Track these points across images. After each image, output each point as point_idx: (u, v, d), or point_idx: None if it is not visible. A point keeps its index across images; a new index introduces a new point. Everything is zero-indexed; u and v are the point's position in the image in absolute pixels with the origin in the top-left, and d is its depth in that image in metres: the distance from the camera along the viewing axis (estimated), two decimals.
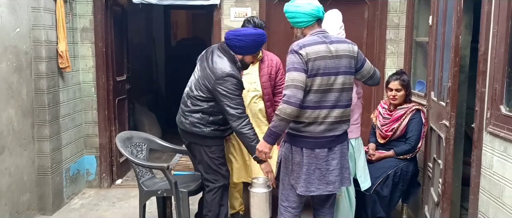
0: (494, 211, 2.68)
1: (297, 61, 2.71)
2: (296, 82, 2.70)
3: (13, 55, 3.68)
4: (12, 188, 3.70)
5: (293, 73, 2.71)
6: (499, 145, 2.63)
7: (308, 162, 2.83)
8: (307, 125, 2.79)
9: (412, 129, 3.66)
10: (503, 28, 2.58)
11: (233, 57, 3.23)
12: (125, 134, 3.74)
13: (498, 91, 2.62)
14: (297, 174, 2.87)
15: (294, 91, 2.68)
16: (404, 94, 3.73)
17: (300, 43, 2.76)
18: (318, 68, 2.72)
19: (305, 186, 2.85)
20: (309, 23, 2.85)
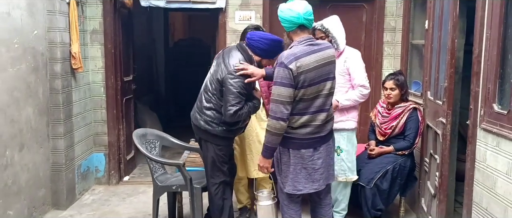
0: (487, 201, 2.91)
1: (285, 76, 2.76)
2: (282, 98, 2.77)
3: (31, 57, 3.85)
4: (30, 183, 3.87)
5: (280, 88, 2.77)
6: (492, 140, 2.85)
7: (294, 162, 2.94)
8: (295, 128, 2.89)
9: (410, 127, 3.87)
10: (496, 32, 2.81)
11: (251, 57, 3.33)
12: (140, 131, 3.92)
13: (491, 91, 2.85)
14: (285, 174, 3.00)
15: (280, 108, 2.78)
16: (398, 93, 3.92)
17: (290, 56, 2.78)
18: (310, 79, 2.80)
19: (292, 185, 2.97)
20: (291, 28, 2.88)
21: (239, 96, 3.22)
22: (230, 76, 3.22)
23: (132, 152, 5.53)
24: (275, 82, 2.81)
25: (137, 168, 5.71)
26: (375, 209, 3.82)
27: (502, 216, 2.73)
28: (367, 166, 3.88)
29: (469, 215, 3.13)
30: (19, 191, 3.71)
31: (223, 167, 3.52)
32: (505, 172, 2.70)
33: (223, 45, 4.98)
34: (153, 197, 3.81)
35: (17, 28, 3.64)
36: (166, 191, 3.84)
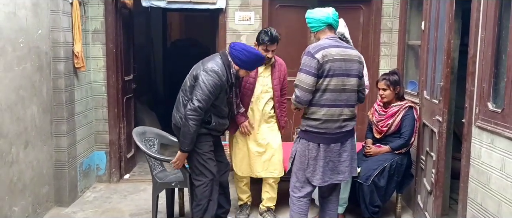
0: (482, 197, 3.01)
1: (310, 65, 3.03)
2: (304, 85, 3.05)
3: (36, 56, 3.91)
4: (34, 180, 3.93)
5: (303, 75, 3.06)
6: (486, 137, 2.96)
7: (324, 156, 3.16)
8: (324, 122, 3.11)
9: (406, 125, 3.96)
10: (490, 33, 2.91)
11: (230, 64, 3.42)
12: (140, 129, 4.01)
13: (486, 90, 2.96)
14: (313, 168, 3.19)
15: (301, 93, 3.08)
16: (391, 93, 4.00)
17: (317, 46, 3.07)
18: (334, 69, 3.04)
19: (321, 178, 3.17)
20: (320, 28, 3.19)
21: (207, 95, 3.27)
22: (203, 73, 3.31)
23: (132, 150, 5.60)
24: (300, 69, 3.08)
25: (137, 166, 5.77)
26: (373, 205, 3.92)
27: (496, 211, 2.84)
28: (364, 164, 3.98)
29: (464, 210, 3.23)
30: (24, 188, 3.77)
31: (208, 165, 3.51)
32: (499, 168, 2.80)
33: (223, 45, 5.06)
34: (152, 193, 3.89)
35: (23, 28, 3.70)
36: (165, 187, 3.92)
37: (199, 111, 3.27)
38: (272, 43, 3.75)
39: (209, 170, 3.52)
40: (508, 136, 2.68)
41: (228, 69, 3.41)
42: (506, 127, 2.71)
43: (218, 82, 3.32)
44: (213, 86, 3.29)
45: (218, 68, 3.34)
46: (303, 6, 5.12)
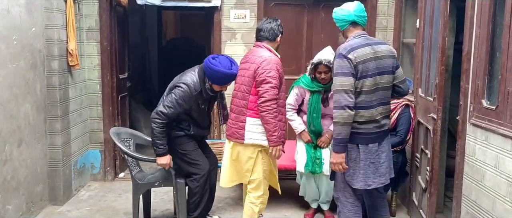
0: (476, 193, 3.02)
1: (345, 66, 2.90)
2: (345, 87, 2.89)
3: (29, 53, 3.89)
4: (28, 179, 3.91)
5: (342, 77, 2.90)
6: (481, 134, 2.97)
7: (364, 157, 3.02)
8: (362, 123, 2.98)
9: (402, 123, 3.96)
10: (485, 31, 2.92)
11: (204, 78, 3.52)
12: (115, 130, 3.97)
13: (480, 87, 2.97)
14: (353, 170, 3.05)
15: (345, 96, 2.88)
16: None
17: (348, 47, 2.94)
18: (367, 70, 2.92)
19: (363, 180, 3.04)
20: (344, 26, 3.08)
21: (174, 105, 3.42)
22: (178, 85, 3.47)
23: None
24: (336, 74, 2.94)
25: None
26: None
27: (491, 208, 2.85)
28: None
29: (459, 207, 3.24)
30: (18, 186, 3.75)
31: (198, 160, 3.64)
32: (494, 165, 2.81)
33: (218, 43, 5.06)
34: (133, 196, 3.82)
35: (16, 25, 3.67)
36: (148, 188, 3.89)
37: (161, 115, 3.42)
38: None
39: (199, 165, 3.62)
40: (503, 133, 2.69)
41: (203, 83, 3.52)
42: (501, 123, 2.72)
43: (188, 94, 3.45)
44: (181, 98, 3.44)
45: (190, 81, 3.47)
46: (298, 4, 5.15)
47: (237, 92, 3.37)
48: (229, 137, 3.40)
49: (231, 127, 3.37)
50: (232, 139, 3.36)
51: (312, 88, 3.91)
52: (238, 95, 3.34)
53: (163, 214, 4.31)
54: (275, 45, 3.43)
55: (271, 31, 3.37)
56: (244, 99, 3.29)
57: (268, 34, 3.37)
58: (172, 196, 4.31)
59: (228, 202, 4.62)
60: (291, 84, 5.09)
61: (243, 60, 3.44)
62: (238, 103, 3.33)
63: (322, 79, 3.85)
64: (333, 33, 5.15)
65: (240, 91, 3.33)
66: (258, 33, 3.41)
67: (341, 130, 2.91)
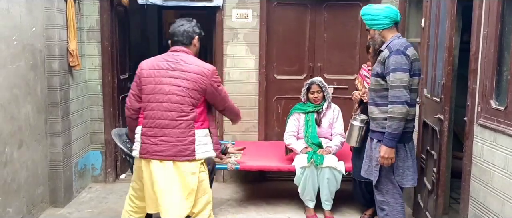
0: (484, 195, 2.97)
1: (404, 62, 2.94)
2: (404, 83, 2.95)
3: (30, 54, 3.84)
4: (28, 181, 3.86)
5: (401, 73, 2.94)
6: (489, 135, 2.92)
7: (410, 156, 3.12)
8: (409, 121, 3.07)
9: None
10: (493, 30, 2.87)
11: None
12: (117, 131, 3.93)
13: (488, 88, 2.92)
14: (403, 170, 3.11)
15: (404, 92, 2.94)
16: None
17: (403, 44, 3.01)
18: (416, 69, 3.03)
19: (413, 178, 3.15)
20: (388, 25, 3.12)
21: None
22: None
23: None
24: (395, 69, 2.94)
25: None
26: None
27: (499, 210, 2.80)
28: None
29: (466, 209, 3.19)
30: (18, 189, 3.70)
31: None
32: (502, 166, 2.76)
33: (220, 43, 5.01)
34: None
35: (16, 25, 3.63)
36: None
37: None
38: None
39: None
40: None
41: None
42: (510, 125, 2.67)
43: None
44: None
45: None
46: (300, 4, 5.10)
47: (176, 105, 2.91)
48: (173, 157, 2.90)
49: (175, 144, 2.90)
50: (177, 158, 2.91)
51: (306, 110, 4.32)
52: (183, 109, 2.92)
53: None
54: (194, 50, 3.09)
55: (185, 34, 3.03)
56: (193, 112, 2.94)
57: (183, 38, 3.02)
58: None
59: (230, 204, 4.58)
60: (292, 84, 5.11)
61: (162, 66, 2.97)
62: (186, 117, 2.92)
63: (315, 99, 4.27)
64: (336, 33, 5.13)
65: (182, 103, 2.91)
66: (172, 39, 3.07)
67: (398, 125, 2.95)
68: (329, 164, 3.99)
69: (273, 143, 5.07)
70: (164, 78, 2.94)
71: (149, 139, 2.93)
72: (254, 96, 5.10)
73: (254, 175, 5.13)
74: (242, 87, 5.08)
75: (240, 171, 4.81)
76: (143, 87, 2.99)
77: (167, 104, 2.91)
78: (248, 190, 4.96)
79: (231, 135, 5.17)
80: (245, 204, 4.55)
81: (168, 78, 2.93)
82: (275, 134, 5.22)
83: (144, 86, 2.98)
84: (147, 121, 2.96)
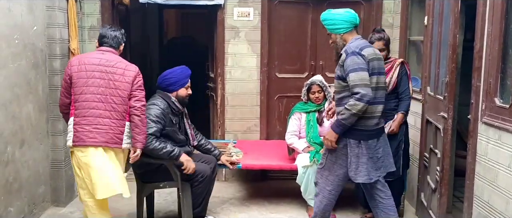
0: (489, 194, 2.96)
1: (361, 62, 3.04)
2: (366, 81, 3.03)
3: (31, 53, 3.82)
4: (30, 180, 3.85)
5: (361, 73, 3.03)
6: (493, 133, 2.90)
7: (366, 153, 3.16)
8: (366, 119, 3.11)
9: (405, 82, 3.78)
10: (497, 28, 2.86)
11: (167, 95, 3.68)
12: None
13: (493, 85, 2.90)
14: (356, 165, 3.16)
15: (367, 90, 3.02)
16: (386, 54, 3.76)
17: (358, 46, 3.11)
18: (373, 68, 3.10)
19: (367, 174, 3.16)
20: (349, 29, 3.22)
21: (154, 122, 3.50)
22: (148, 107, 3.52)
23: None
24: (354, 69, 3.03)
25: None
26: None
27: (504, 209, 2.78)
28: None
29: (470, 208, 3.18)
30: (20, 188, 3.68)
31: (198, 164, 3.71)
32: (507, 165, 2.75)
33: (222, 42, 4.99)
34: (137, 197, 3.78)
35: (18, 24, 3.61)
36: (153, 189, 3.84)
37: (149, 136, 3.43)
38: None
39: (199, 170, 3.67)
40: None
41: (168, 99, 3.65)
42: None
43: (158, 110, 3.56)
44: (155, 115, 3.53)
45: (155, 100, 3.62)
46: (302, 2, 5.08)
47: (108, 97, 3.20)
48: (106, 143, 3.18)
49: (108, 132, 3.19)
50: (110, 144, 3.20)
51: (307, 109, 4.28)
52: (115, 101, 3.20)
53: (166, 215, 4.26)
54: (118, 54, 3.44)
55: (115, 39, 3.38)
56: (124, 104, 3.23)
57: (113, 42, 3.37)
58: (175, 197, 4.26)
59: (232, 202, 4.57)
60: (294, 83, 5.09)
61: (94, 62, 3.24)
62: (117, 108, 3.21)
63: (316, 99, 4.23)
64: None
65: (114, 96, 3.21)
66: (101, 39, 3.38)
67: (352, 119, 3.06)
68: None
69: (274, 142, 5.05)
70: (96, 73, 3.20)
71: (83, 127, 3.18)
72: (255, 95, 5.09)
73: (256, 174, 5.11)
74: (243, 86, 5.06)
75: (242, 170, 4.79)
76: (74, 81, 3.22)
77: (101, 96, 3.19)
78: (250, 189, 4.95)
79: (232, 134, 5.15)
80: (247, 203, 4.54)
81: (99, 73, 3.21)
82: (277, 132, 5.20)
83: (75, 81, 3.21)
84: (80, 111, 3.19)
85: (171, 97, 3.67)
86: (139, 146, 3.28)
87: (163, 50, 9.23)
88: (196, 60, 7.75)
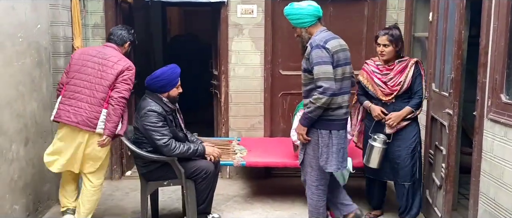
0: (495, 191, 2.94)
1: (325, 55, 3.13)
2: (329, 75, 3.13)
3: (35, 51, 3.83)
4: (35, 178, 3.86)
5: (325, 66, 3.13)
6: (499, 130, 2.88)
7: (336, 142, 3.23)
8: (334, 110, 3.20)
9: (419, 82, 3.61)
10: (503, 23, 2.83)
11: (157, 96, 3.63)
12: None
13: (499, 81, 2.88)
14: (326, 155, 3.23)
15: (331, 83, 3.12)
16: (392, 50, 3.60)
17: (322, 39, 3.19)
18: (339, 59, 3.17)
19: (336, 163, 3.25)
20: (313, 22, 3.27)
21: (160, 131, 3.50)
22: (142, 118, 3.54)
23: None
24: (317, 63, 3.13)
25: None
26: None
27: (510, 206, 2.77)
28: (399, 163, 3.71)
29: (476, 205, 3.16)
30: (25, 186, 3.69)
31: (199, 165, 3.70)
32: None
33: (225, 39, 4.99)
34: (141, 195, 3.77)
35: (22, 22, 3.61)
36: (157, 187, 3.82)
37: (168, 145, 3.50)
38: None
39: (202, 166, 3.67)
40: None
41: (160, 100, 3.62)
42: None
43: (157, 115, 3.53)
44: (157, 121, 3.52)
45: (148, 106, 3.55)
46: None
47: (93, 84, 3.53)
48: (77, 124, 3.50)
49: (82, 115, 3.49)
50: (82, 127, 3.50)
51: None
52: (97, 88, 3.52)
53: (171, 213, 4.26)
54: (123, 51, 3.78)
55: (120, 37, 3.76)
56: (104, 93, 3.51)
57: (117, 39, 3.74)
58: (180, 194, 4.26)
59: (236, 200, 4.57)
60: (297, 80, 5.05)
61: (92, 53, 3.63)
62: (96, 95, 3.51)
63: None
64: (342, 28, 5.07)
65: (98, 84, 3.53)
66: (109, 36, 3.81)
67: (317, 111, 3.18)
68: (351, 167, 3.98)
69: (278, 139, 5.04)
70: (89, 63, 3.58)
71: (65, 106, 3.55)
72: (259, 92, 5.08)
73: (260, 172, 5.11)
74: (247, 84, 5.06)
75: (246, 168, 4.79)
76: (71, 66, 3.62)
77: (87, 83, 3.54)
78: (254, 186, 4.95)
79: (236, 131, 5.14)
80: (251, 200, 4.54)
81: (92, 63, 3.57)
82: (281, 130, 5.19)
83: (72, 66, 3.61)
84: (67, 92, 3.57)
85: (163, 98, 3.64)
86: (106, 133, 3.51)
87: (167, 48, 9.22)
88: (199, 58, 7.79)
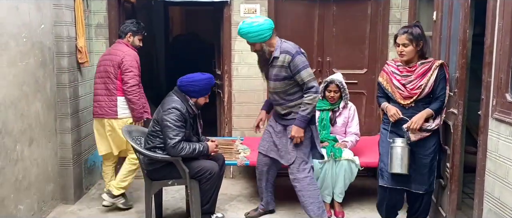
0: (500, 190, 2.93)
1: (305, 59, 3.51)
2: (313, 76, 3.51)
3: (39, 51, 3.83)
4: (39, 178, 3.86)
5: (309, 69, 3.50)
6: (504, 129, 2.88)
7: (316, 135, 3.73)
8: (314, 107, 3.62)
9: (442, 86, 3.30)
10: (508, 22, 2.83)
11: (185, 97, 3.64)
12: (127, 127, 3.87)
13: (504, 81, 2.87)
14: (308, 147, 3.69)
15: (316, 83, 3.51)
16: (413, 49, 3.29)
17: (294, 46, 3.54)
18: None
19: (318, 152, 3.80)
20: (271, 35, 3.51)
21: (177, 129, 3.50)
22: (165, 113, 3.54)
23: None
24: (303, 67, 3.46)
25: None
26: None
27: None
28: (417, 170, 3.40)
29: (481, 204, 3.15)
30: (29, 186, 3.70)
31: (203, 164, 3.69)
32: None
33: (228, 39, 4.98)
34: (146, 194, 3.78)
35: (25, 22, 3.61)
36: (161, 186, 3.82)
37: (177, 144, 3.50)
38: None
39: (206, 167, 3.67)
40: None
41: (186, 102, 3.62)
42: None
43: (180, 115, 3.54)
44: (177, 120, 3.52)
45: (175, 104, 3.56)
46: None
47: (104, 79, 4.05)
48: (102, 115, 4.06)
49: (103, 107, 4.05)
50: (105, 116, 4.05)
51: (321, 107, 4.27)
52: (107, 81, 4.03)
53: (175, 212, 4.26)
54: (128, 42, 4.16)
55: (121, 29, 4.17)
56: (113, 83, 4.02)
57: (121, 33, 4.17)
58: (184, 194, 4.25)
59: (240, 199, 4.57)
60: None
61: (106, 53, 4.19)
62: (108, 87, 4.03)
63: (331, 98, 4.26)
64: (345, 27, 5.08)
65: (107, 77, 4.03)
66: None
67: (312, 110, 3.51)
68: (347, 157, 4.03)
69: None
70: (102, 61, 4.12)
71: (94, 104, 4.15)
72: (262, 92, 5.07)
73: None
74: (250, 83, 5.05)
75: (249, 167, 4.78)
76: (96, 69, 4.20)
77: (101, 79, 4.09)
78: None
79: (239, 131, 5.14)
80: (255, 200, 4.53)
81: (104, 60, 4.10)
82: None
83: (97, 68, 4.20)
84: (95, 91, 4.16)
85: (190, 100, 3.65)
86: (134, 120, 4.09)
87: (169, 47, 9.22)
88: (202, 58, 7.78)
